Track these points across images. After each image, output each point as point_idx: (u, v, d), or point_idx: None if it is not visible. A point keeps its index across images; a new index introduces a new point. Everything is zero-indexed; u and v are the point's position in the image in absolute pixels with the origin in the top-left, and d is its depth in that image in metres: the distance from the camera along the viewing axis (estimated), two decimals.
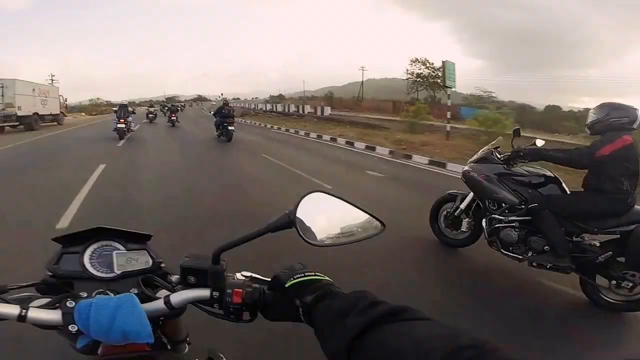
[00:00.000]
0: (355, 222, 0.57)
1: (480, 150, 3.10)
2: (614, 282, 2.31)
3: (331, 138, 13.86)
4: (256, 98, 65.48)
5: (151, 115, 21.31)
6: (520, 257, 2.62)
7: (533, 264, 2.56)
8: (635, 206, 2.36)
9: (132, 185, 5.39)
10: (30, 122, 17.94)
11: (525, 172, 2.73)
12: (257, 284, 0.56)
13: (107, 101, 62.05)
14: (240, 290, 0.54)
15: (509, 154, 2.77)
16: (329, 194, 0.56)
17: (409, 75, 42.78)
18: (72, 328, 0.49)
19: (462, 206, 3.08)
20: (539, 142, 2.90)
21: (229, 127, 11.09)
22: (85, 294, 0.55)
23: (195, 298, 0.55)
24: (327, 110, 28.26)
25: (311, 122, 22.31)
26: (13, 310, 0.48)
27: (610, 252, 2.31)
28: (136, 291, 0.56)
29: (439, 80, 37.87)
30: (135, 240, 0.61)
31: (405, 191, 6.12)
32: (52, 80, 52.17)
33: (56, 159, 8.11)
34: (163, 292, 0.57)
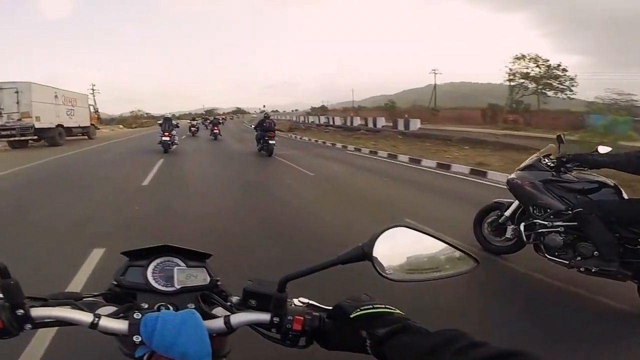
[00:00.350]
0: (442, 258, 0.55)
1: (529, 158, 3.13)
2: None
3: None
4: (296, 110, 65.17)
5: (194, 128, 22.06)
6: (567, 262, 2.62)
7: (580, 269, 2.57)
8: None
9: (177, 197, 5.68)
10: (53, 136, 15.55)
11: (575, 179, 2.74)
12: (316, 311, 0.58)
13: (147, 113, 62.24)
14: (301, 317, 0.56)
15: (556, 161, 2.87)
16: (413, 228, 0.55)
17: (510, 77, 35.30)
18: (137, 339, 0.52)
19: (507, 213, 3.14)
20: (603, 149, 2.79)
21: (270, 142, 11.00)
22: (146, 305, 0.59)
23: (254, 321, 0.57)
24: (416, 124, 22.93)
25: (397, 140, 17.13)
26: (87, 318, 0.53)
27: None
28: (194, 306, 0.60)
29: (554, 82, 30.92)
30: (195, 257, 0.66)
31: None
32: (93, 90, 51.38)
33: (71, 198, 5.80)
34: (219, 310, 0.61)
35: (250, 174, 8.51)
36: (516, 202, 3.04)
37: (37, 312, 0.52)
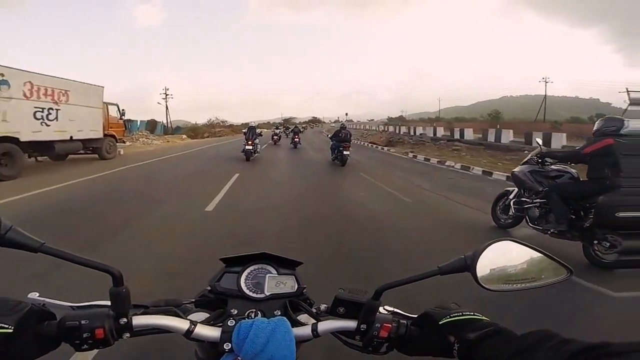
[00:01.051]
0: (538, 268, 0.57)
1: (528, 156, 4.46)
2: (596, 242, 3.37)
3: None
4: (372, 120, 57.55)
5: (276, 137, 22.42)
6: (541, 228, 3.90)
7: (547, 232, 3.82)
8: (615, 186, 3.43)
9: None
10: (13, 159, 8.52)
11: (550, 169, 4.07)
12: (402, 319, 0.59)
13: (223, 121, 55.39)
14: (389, 325, 0.57)
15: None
16: (516, 241, 0.57)
17: None
18: (227, 346, 0.53)
19: (511, 197, 4.41)
20: (539, 141, 4.80)
21: (345, 152, 11.06)
22: (236, 312, 0.62)
23: (341, 328, 0.58)
24: (508, 136, 17.78)
25: None
26: (184, 325, 0.54)
27: (592, 218, 3.45)
28: (280, 313, 0.62)
29: None
30: (287, 265, 0.68)
31: None
32: (167, 95, 47.76)
33: None
34: (304, 317, 0.63)
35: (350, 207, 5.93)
36: (516, 189, 4.38)
37: (138, 320, 0.53)
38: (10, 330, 0.45)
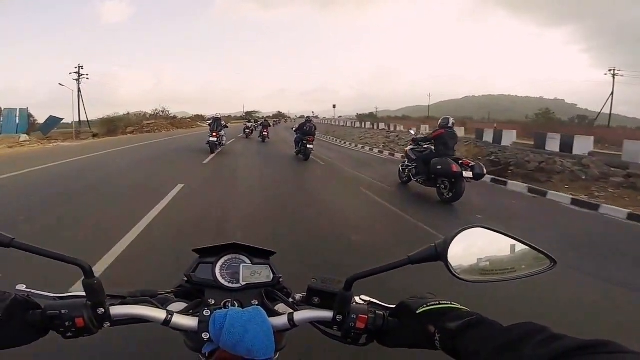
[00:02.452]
0: (518, 258, 0.54)
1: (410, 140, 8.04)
2: (438, 186, 6.06)
3: None
4: (340, 117, 60.13)
5: (248, 130, 21.66)
6: (416, 180, 6.70)
7: (418, 182, 6.62)
8: (447, 158, 5.88)
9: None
10: None
11: (420, 147, 6.99)
12: (378, 310, 0.59)
13: (168, 112, 41.86)
14: (365, 316, 0.56)
15: (425, 136, 7.64)
16: (490, 229, 0.54)
17: None
18: (205, 335, 0.54)
19: (407, 163, 7.35)
20: (412, 132, 10.64)
21: (308, 146, 10.76)
22: (213, 302, 0.63)
23: (317, 318, 0.58)
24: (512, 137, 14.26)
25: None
26: (161, 315, 0.55)
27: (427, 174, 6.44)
28: (257, 303, 0.63)
29: None
30: (260, 255, 0.69)
31: None
32: (79, 75, 34.08)
33: None
34: (281, 306, 0.64)
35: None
36: (406, 159, 7.41)
37: (116, 310, 0.54)
38: None
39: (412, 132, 10.34)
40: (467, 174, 5.62)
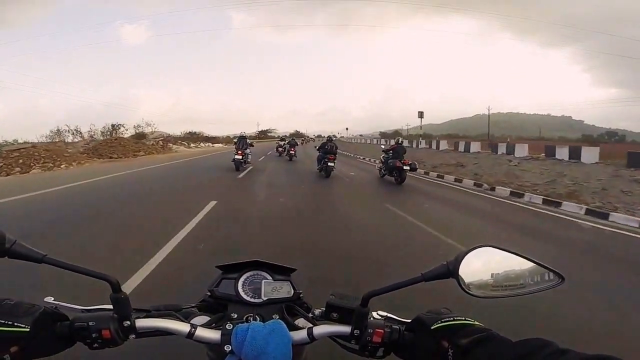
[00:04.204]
0: (527, 275, 0.55)
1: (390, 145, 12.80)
2: (394, 176, 10.56)
3: None
4: (361, 135, 58.42)
5: (281, 148, 21.65)
6: (385, 173, 11.23)
7: (385, 175, 11.21)
8: (396, 160, 10.37)
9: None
10: None
11: (386, 153, 11.26)
12: (395, 324, 0.59)
13: (161, 133, 34.97)
14: (381, 330, 0.57)
15: (388, 148, 11.72)
16: (499, 248, 0.55)
17: None
18: (227, 348, 0.55)
19: (380, 165, 12.11)
20: (382, 146, 15.15)
21: (329, 163, 11.41)
22: (235, 316, 0.64)
23: (336, 333, 0.59)
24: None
25: None
26: (185, 328, 0.56)
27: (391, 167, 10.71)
28: (278, 317, 0.63)
29: None
30: (281, 272, 0.71)
31: None
32: None
33: None
34: (301, 321, 0.65)
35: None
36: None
37: (141, 322, 0.56)
38: (27, 330, 0.49)
39: (382, 146, 14.72)
40: (406, 167, 10.15)
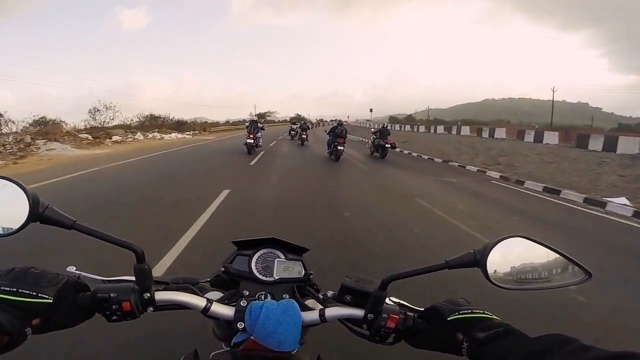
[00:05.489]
0: (553, 268, 0.54)
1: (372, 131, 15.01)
2: (379, 151, 13.19)
3: None
4: (368, 120, 59.36)
5: (293, 132, 21.31)
6: (373, 151, 13.63)
7: (374, 153, 13.56)
8: (380, 139, 13.14)
9: None
10: None
11: (375, 135, 13.67)
12: (409, 311, 0.59)
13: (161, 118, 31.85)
14: (396, 316, 0.57)
15: (376, 130, 14.28)
16: (529, 239, 0.53)
17: None
18: (240, 325, 0.55)
19: (370, 144, 14.37)
20: (372, 129, 19.23)
21: (339, 147, 11.47)
22: (247, 293, 0.64)
23: (348, 316, 0.59)
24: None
25: None
26: (201, 302, 0.57)
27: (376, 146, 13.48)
28: (288, 296, 0.64)
29: None
30: (294, 251, 0.71)
31: None
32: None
33: None
34: (311, 302, 0.65)
35: None
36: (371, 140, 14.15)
37: (160, 295, 0.56)
38: (50, 301, 0.48)
39: (372, 129, 17.06)
40: (387, 145, 12.72)
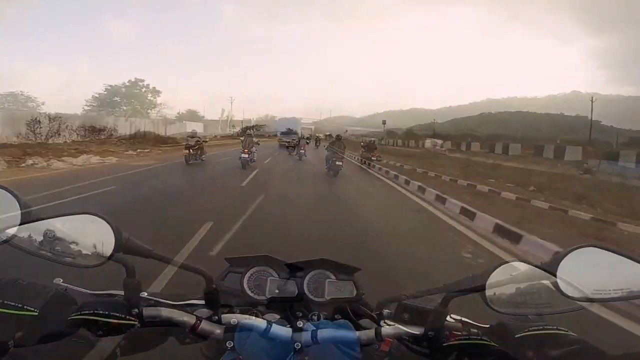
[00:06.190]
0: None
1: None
2: (367, 162, 15.64)
3: None
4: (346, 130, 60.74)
5: (290, 147, 20.97)
6: (361, 161, 16.54)
7: (362, 162, 16.46)
8: (367, 152, 16.37)
9: None
10: None
11: (363, 148, 17.05)
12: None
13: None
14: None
15: (364, 144, 17.73)
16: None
17: None
18: (229, 344, 0.54)
19: (360, 157, 17.18)
20: (362, 144, 19.34)
21: (337, 162, 11.24)
22: (238, 311, 0.61)
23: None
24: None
25: None
26: (190, 320, 0.55)
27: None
28: (278, 317, 0.61)
29: None
30: (294, 270, 0.68)
31: None
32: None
33: None
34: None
35: None
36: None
37: (148, 311, 0.54)
38: (36, 313, 0.48)
39: (362, 143, 18.61)
40: (373, 158, 15.08)
